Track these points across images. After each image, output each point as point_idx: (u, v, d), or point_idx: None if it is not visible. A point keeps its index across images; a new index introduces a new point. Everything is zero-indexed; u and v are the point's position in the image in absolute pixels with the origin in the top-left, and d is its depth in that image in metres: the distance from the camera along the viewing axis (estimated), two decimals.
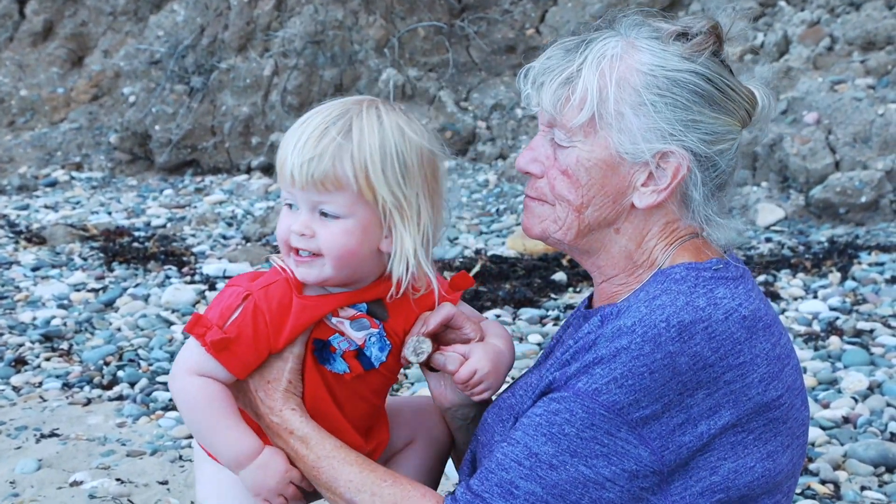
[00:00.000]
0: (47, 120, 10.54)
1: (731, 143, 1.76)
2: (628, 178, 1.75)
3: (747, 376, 1.66)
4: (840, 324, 4.87)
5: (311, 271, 1.79)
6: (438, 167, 1.83)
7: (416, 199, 1.78)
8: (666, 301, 1.67)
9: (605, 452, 1.61)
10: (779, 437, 1.70)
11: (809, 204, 6.60)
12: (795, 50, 7.48)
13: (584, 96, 1.73)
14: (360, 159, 1.73)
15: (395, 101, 8.64)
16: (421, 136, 1.79)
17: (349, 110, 1.76)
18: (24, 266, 6.49)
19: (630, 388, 1.60)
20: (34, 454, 3.88)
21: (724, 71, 1.78)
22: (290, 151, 1.75)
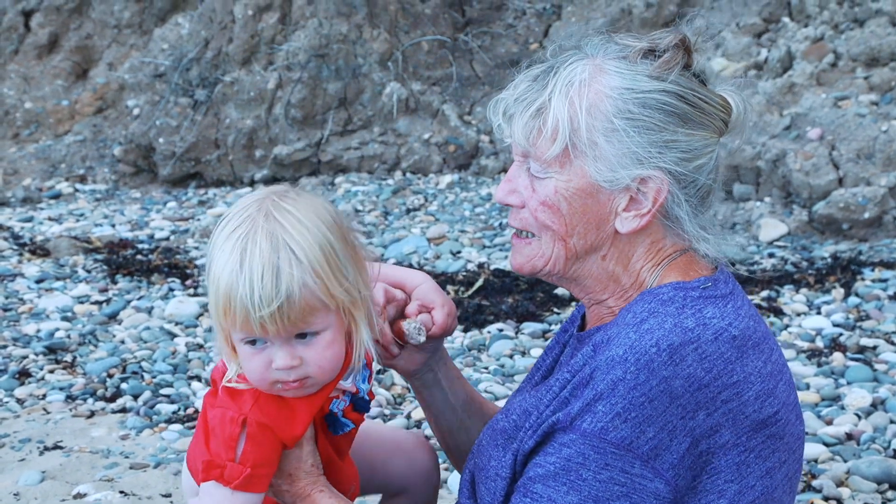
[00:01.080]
0: (52, 132, 10.57)
1: (710, 156, 1.73)
2: (609, 205, 1.73)
3: (743, 395, 1.65)
4: (843, 340, 4.87)
5: (301, 391, 1.75)
6: (350, 230, 1.78)
7: (357, 282, 1.75)
8: (654, 324, 1.65)
9: (625, 492, 1.59)
10: (776, 454, 1.70)
11: (812, 219, 6.61)
12: (799, 66, 7.50)
13: (555, 127, 1.70)
14: (317, 277, 1.67)
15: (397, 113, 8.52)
16: (329, 214, 1.74)
17: (272, 231, 1.66)
18: (28, 278, 6.50)
19: (634, 421, 1.59)
20: (37, 466, 3.88)
21: (695, 84, 1.74)
22: (250, 303, 1.64)
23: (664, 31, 1.77)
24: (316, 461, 1.82)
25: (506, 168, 8.93)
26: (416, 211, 8.07)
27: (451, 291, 5.91)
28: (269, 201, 1.71)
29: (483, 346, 5.13)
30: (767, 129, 7.18)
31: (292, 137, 9.35)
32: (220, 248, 1.69)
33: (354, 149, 9.35)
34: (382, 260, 6.76)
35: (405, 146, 9.29)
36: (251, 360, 1.72)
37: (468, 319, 5.45)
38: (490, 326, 5.38)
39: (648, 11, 8.89)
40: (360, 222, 7.78)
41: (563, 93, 1.71)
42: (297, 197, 1.73)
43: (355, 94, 9.44)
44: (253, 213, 1.70)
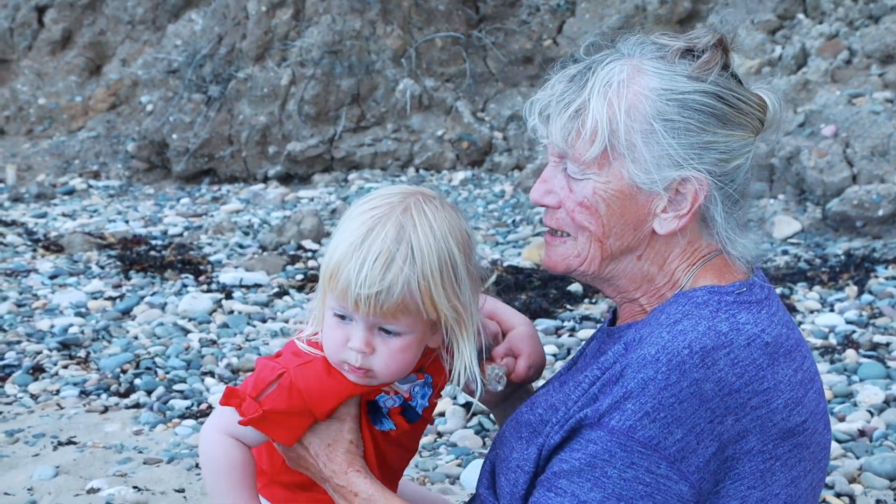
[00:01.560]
0: (65, 128, 10.61)
1: (747, 157, 1.72)
2: (647, 206, 1.72)
3: (772, 402, 1.65)
4: (856, 337, 4.86)
5: (363, 380, 1.80)
6: (474, 253, 1.81)
7: (469, 304, 1.78)
8: (687, 326, 1.64)
9: (648, 492, 1.58)
10: (802, 463, 1.69)
11: (826, 217, 6.58)
12: (814, 63, 7.47)
13: (594, 129, 1.69)
14: (425, 284, 1.71)
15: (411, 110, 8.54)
16: (461, 230, 1.77)
17: (403, 226, 1.71)
18: (41, 274, 6.53)
19: (663, 421, 1.58)
20: (51, 461, 3.91)
21: (732, 84, 1.73)
22: (354, 279, 1.69)
23: (701, 30, 1.76)
24: (357, 440, 1.83)
25: (519, 165, 8.92)
26: None
27: None
28: (414, 198, 1.75)
29: None
30: (781, 126, 7.16)
31: (305, 134, 9.36)
32: (351, 219, 1.74)
33: (368, 145, 9.36)
34: None
35: (418, 143, 9.30)
36: (333, 331, 1.77)
37: None
38: None
39: (663, 8, 8.87)
40: None
41: (601, 93, 1.69)
42: (440, 206, 1.76)
43: (368, 91, 9.45)
44: (395, 201, 1.74)
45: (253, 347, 5.15)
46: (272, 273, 6.44)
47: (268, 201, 8.69)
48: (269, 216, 8.12)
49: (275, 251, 6.97)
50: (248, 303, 5.87)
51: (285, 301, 5.91)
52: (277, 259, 6.67)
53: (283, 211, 8.27)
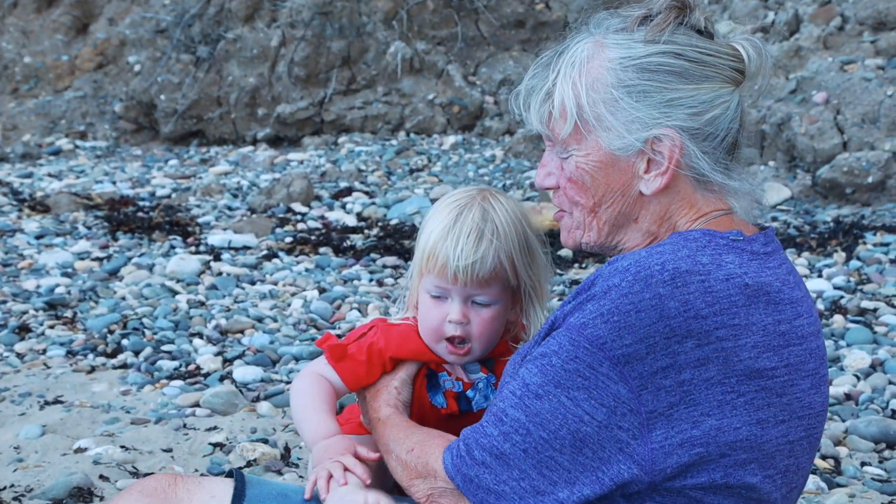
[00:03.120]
0: (51, 88, 10.52)
1: (725, 107, 1.76)
2: (629, 170, 1.78)
3: (740, 338, 1.67)
4: (844, 303, 4.88)
5: (460, 358, 2.05)
6: (540, 238, 2.09)
7: (539, 276, 2.06)
8: (667, 249, 1.70)
9: (585, 385, 1.64)
10: (772, 409, 1.70)
11: (816, 184, 6.58)
12: (806, 29, 7.44)
13: (562, 108, 1.79)
14: (509, 254, 1.99)
15: (402, 73, 8.49)
16: (527, 216, 2.07)
17: (486, 210, 2.01)
18: (27, 234, 6.49)
19: (614, 324, 1.63)
20: (38, 420, 3.90)
21: (695, 39, 1.77)
22: (452, 255, 1.97)
23: None
24: (402, 389, 2.02)
25: (510, 130, 8.89)
26: (420, 172, 8.05)
27: None
28: (488, 192, 2.06)
29: None
30: (773, 92, 7.13)
31: (295, 96, 9.30)
32: (439, 211, 2.04)
33: (358, 108, 9.31)
34: (385, 220, 6.76)
35: (409, 106, 9.25)
36: (431, 311, 2.03)
37: None
38: None
39: None
40: (363, 182, 7.76)
41: (566, 74, 1.79)
42: (508, 197, 2.07)
43: (359, 53, 9.38)
44: (474, 193, 2.04)
45: (241, 309, 5.14)
46: (261, 235, 6.42)
47: (257, 164, 8.64)
48: (258, 179, 8.08)
49: (264, 213, 6.94)
50: (236, 265, 5.85)
51: (274, 263, 5.89)
52: (266, 221, 6.64)
53: (272, 173, 8.23)
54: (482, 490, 1.72)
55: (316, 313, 5.07)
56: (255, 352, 4.59)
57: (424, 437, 1.88)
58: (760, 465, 1.71)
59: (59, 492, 3.24)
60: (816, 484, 3.33)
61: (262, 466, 3.49)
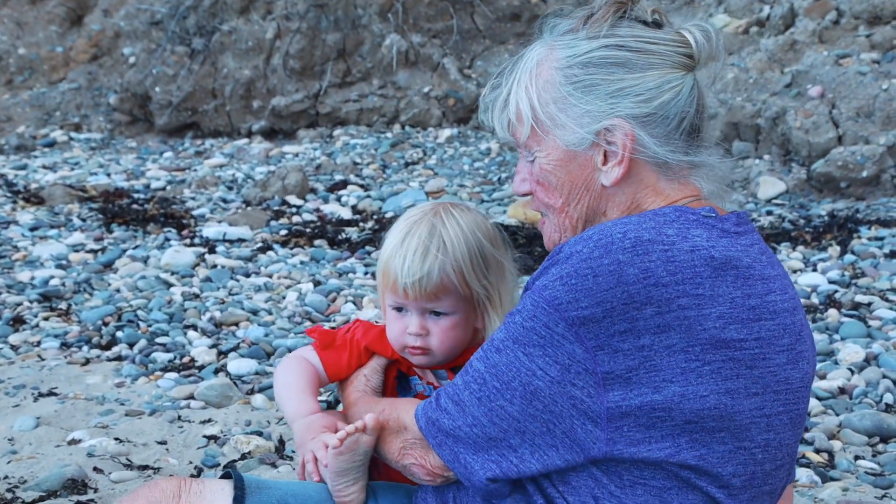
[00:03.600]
0: (46, 79, 10.49)
1: (675, 91, 1.80)
2: (589, 164, 1.83)
3: (704, 308, 1.69)
4: (838, 297, 4.89)
5: (425, 359, 2.15)
6: (504, 247, 2.16)
7: (497, 283, 2.12)
8: (633, 220, 1.73)
9: (541, 343, 1.70)
10: (742, 380, 1.71)
11: (811, 177, 6.59)
12: (801, 23, 7.44)
13: (518, 113, 1.86)
14: (458, 267, 2.08)
15: (397, 66, 8.48)
16: (487, 228, 2.14)
17: (434, 225, 2.10)
18: (22, 226, 6.48)
19: (572, 287, 1.67)
20: (32, 412, 3.89)
21: (638, 30, 1.83)
22: (399, 272, 2.08)
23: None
24: (371, 377, 2.12)
25: None
26: (415, 164, 8.04)
27: None
28: (443, 207, 2.15)
29: None
30: (768, 86, 7.14)
31: (290, 89, 9.28)
32: (393, 229, 2.15)
33: (353, 101, 9.29)
34: (381, 213, 6.75)
35: (404, 99, 9.23)
36: (393, 324, 2.15)
37: None
38: None
39: None
40: (358, 175, 7.75)
41: (519, 81, 1.87)
42: (467, 210, 2.15)
43: (354, 46, 9.37)
44: (428, 210, 2.14)
45: (236, 301, 5.13)
46: (256, 228, 6.41)
47: (252, 156, 8.63)
48: (254, 171, 8.07)
49: (259, 206, 6.93)
50: (231, 257, 5.84)
51: (269, 256, 5.88)
52: (261, 214, 6.63)
53: (267, 166, 8.21)
54: (441, 433, 1.81)
55: (311, 306, 5.07)
56: (249, 344, 4.58)
57: (395, 400, 2.01)
58: (733, 436, 1.72)
59: (53, 483, 3.24)
60: (810, 477, 3.34)
61: (256, 459, 3.49)
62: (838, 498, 3.20)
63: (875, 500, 3.21)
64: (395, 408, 1.95)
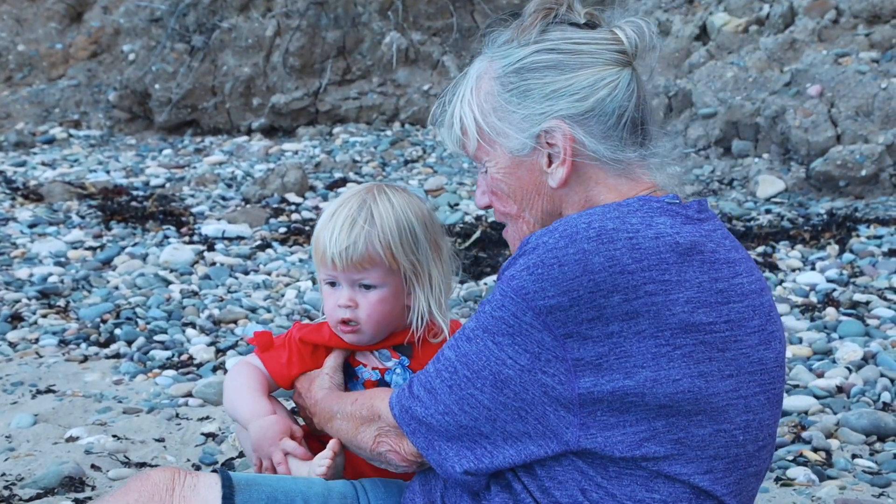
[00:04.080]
0: (45, 76, 10.48)
1: (611, 87, 1.82)
2: (535, 168, 1.86)
3: (671, 293, 1.71)
4: (837, 295, 4.89)
5: (355, 336, 2.20)
6: (439, 232, 2.21)
7: (426, 262, 2.17)
8: (598, 210, 1.77)
9: (510, 332, 1.73)
10: (715, 363, 1.74)
11: (810, 176, 6.59)
12: (801, 22, 7.44)
13: (463, 128, 1.91)
14: (385, 239, 2.13)
15: (397, 64, 8.49)
16: (422, 210, 2.18)
17: (366, 200, 2.16)
18: (20, 222, 6.48)
19: (538, 277, 1.70)
20: (30, 409, 3.89)
21: (569, 32, 1.86)
22: (328, 243, 2.15)
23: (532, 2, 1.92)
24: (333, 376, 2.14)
25: None
26: (415, 163, 8.04)
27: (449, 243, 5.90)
28: (378, 187, 2.19)
29: (479, 297, 5.14)
30: (767, 85, 7.14)
31: (290, 86, 9.28)
32: (329, 206, 2.22)
33: (353, 99, 9.29)
34: None
35: (404, 97, 9.23)
36: (327, 298, 2.20)
37: (465, 271, 5.46)
38: (487, 278, 5.38)
39: None
40: (358, 173, 7.75)
41: (462, 96, 1.92)
42: (401, 191, 2.20)
43: (354, 44, 9.37)
44: (362, 190, 2.19)
45: (235, 299, 5.13)
46: (255, 226, 6.41)
47: (251, 154, 8.63)
48: (253, 169, 8.06)
49: (258, 204, 6.93)
50: (230, 255, 5.84)
51: (268, 254, 5.88)
52: (260, 212, 6.63)
53: (266, 164, 8.21)
54: (414, 420, 1.83)
55: (309, 304, 5.07)
56: (248, 342, 4.58)
57: (368, 391, 2.05)
58: (711, 419, 1.74)
59: (51, 481, 3.24)
60: (808, 476, 3.34)
61: None
62: (836, 496, 3.20)
63: (872, 498, 3.21)
64: (368, 397, 1.98)
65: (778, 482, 3.31)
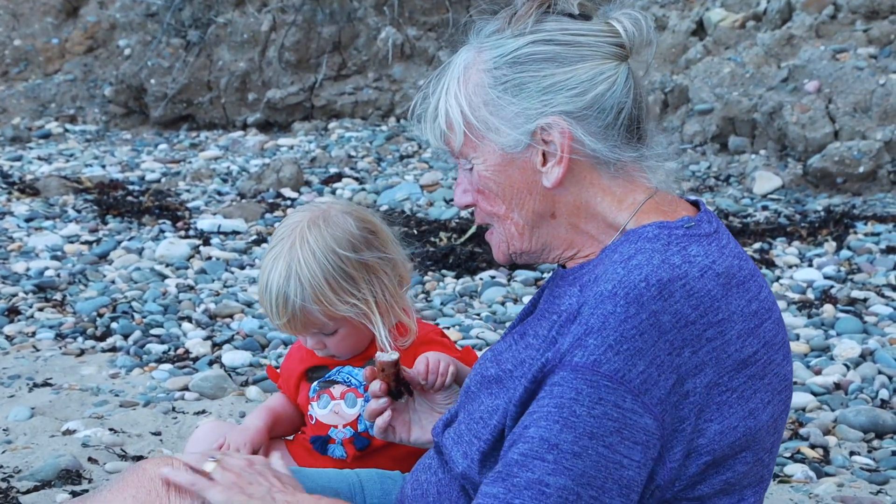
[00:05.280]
0: (41, 71, 10.45)
1: (610, 82, 1.72)
2: (528, 167, 1.75)
3: (726, 333, 1.66)
4: (834, 292, 4.89)
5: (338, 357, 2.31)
6: (379, 241, 2.21)
7: (369, 292, 2.19)
8: (642, 261, 1.65)
9: (617, 428, 1.58)
10: (759, 395, 1.70)
11: (807, 173, 6.59)
12: (798, 17, 7.43)
13: (449, 122, 1.78)
14: (318, 300, 2.15)
15: (392, 59, 8.37)
16: (347, 233, 2.17)
17: (290, 263, 2.15)
18: (17, 217, 6.46)
19: (626, 353, 1.58)
20: (27, 402, 3.88)
21: (566, 23, 1.76)
22: (271, 317, 2.23)
23: None
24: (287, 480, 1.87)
25: None
26: (410, 158, 8.03)
27: (444, 238, 5.89)
28: (299, 234, 2.18)
29: (475, 292, 5.13)
30: (764, 81, 7.13)
31: (286, 81, 9.26)
32: (263, 263, 2.23)
33: (348, 94, 9.27)
34: (375, 205, 6.73)
35: (400, 92, 9.22)
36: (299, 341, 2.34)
37: (460, 266, 5.45)
38: (482, 273, 5.37)
39: None
40: (353, 168, 7.74)
41: (448, 88, 1.79)
42: (324, 225, 2.18)
43: (350, 39, 9.35)
44: (286, 240, 2.19)
45: (230, 294, 5.12)
46: (250, 220, 6.40)
47: (247, 149, 8.61)
48: (248, 164, 8.05)
49: (253, 199, 6.92)
50: (226, 249, 5.83)
51: (263, 248, 5.87)
52: (256, 207, 6.62)
53: (262, 159, 8.19)
54: None
55: None
56: (244, 336, 4.57)
57: None
58: (752, 452, 1.71)
59: (48, 473, 3.23)
60: (805, 473, 3.33)
61: None
62: (833, 494, 3.20)
63: (870, 495, 3.21)
64: None
65: (776, 479, 3.31)
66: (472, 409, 1.81)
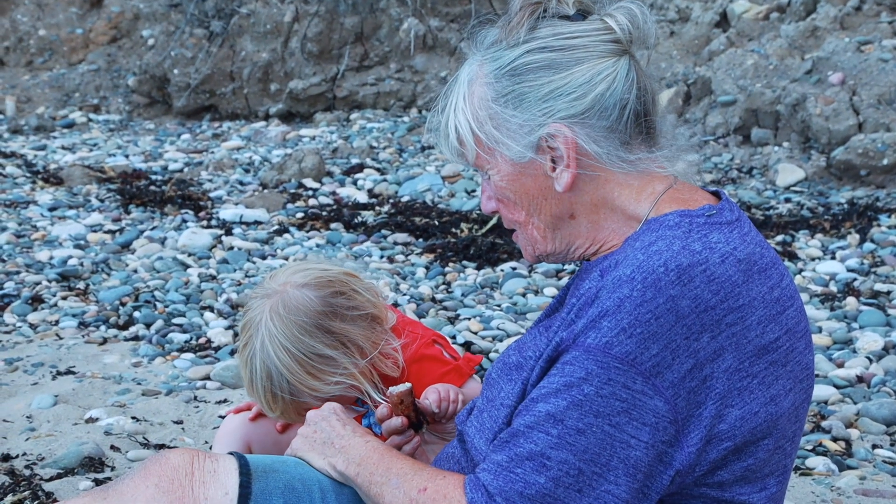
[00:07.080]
0: (66, 61, 10.51)
1: (610, 80, 1.73)
2: (540, 173, 1.77)
3: (746, 319, 1.66)
4: (857, 285, 4.86)
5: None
6: (344, 308, 2.20)
7: (351, 363, 2.19)
8: (662, 246, 1.66)
9: (625, 408, 1.60)
10: (780, 381, 1.70)
11: (830, 165, 6.54)
12: (823, 9, 7.37)
13: (460, 138, 1.82)
14: (302, 391, 2.17)
15: (414, 50, 8.38)
16: (314, 322, 2.16)
17: (266, 363, 2.17)
18: (41, 206, 6.50)
19: (639, 336, 1.60)
20: (50, 390, 3.91)
21: (559, 27, 1.76)
22: (266, 412, 2.27)
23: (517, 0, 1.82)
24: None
25: None
26: (431, 149, 8.02)
27: (465, 230, 5.89)
28: (265, 327, 2.17)
29: (496, 283, 5.13)
30: (788, 72, 7.08)
31: (308, 72, 9.28)
32: (241, 361, 2.25)
33: (370, 85, 9.28)
34: (397, 197, 6.74)
35: (422, 83, 9.21)
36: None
37: (481, 258, 5.45)
38: (503, 265, 5.37)
39: None
40: (375, 159, 7.75)
41: (455, 104, 1.82)
42: (285, 313, 2.16)
43: (372, 30, 9.35)
44: (254, 333, 2.19)
45: (252, 283, 5.14)
46: (272, 210, 6.42)
47: (269, 139, 8.63)
48: (270, 154, 8.07)
49: (275, 189, 6.94)
50: (247, 239, 5.85)
51: (285, 238, 5.89)
52: (278, 197, 6.64)
53: (284, 149, 8.22)
54: None
55: None
56: None
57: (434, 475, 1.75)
58: (773, 439, 1.71)
59: (71, 461, 3.26)
60: (827, 466, 3.32)
61: None
62: (855, 486, 3.18)
63: (893, 488, 3.20)
64: (441, 492, 1.69)
65: (797, 471, 3.30)
66: (492, 395, 1.83)
